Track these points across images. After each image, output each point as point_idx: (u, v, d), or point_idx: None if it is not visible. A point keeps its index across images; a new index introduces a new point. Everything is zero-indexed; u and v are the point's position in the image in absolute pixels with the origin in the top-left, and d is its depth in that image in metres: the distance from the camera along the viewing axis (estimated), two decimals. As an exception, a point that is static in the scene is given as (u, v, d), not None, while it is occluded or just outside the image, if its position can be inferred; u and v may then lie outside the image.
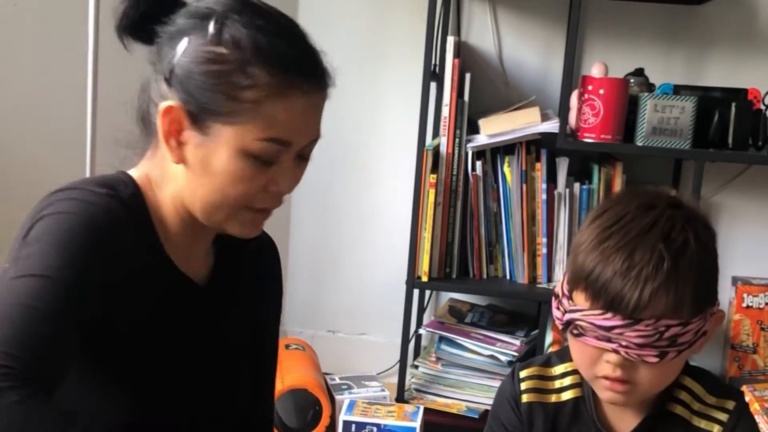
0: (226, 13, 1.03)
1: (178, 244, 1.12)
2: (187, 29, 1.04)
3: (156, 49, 1.07)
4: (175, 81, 1.03)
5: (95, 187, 1.05)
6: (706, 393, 1.18)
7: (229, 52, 1.02)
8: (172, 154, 1.06)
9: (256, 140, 1.03)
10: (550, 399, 1.25)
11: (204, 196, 1.07)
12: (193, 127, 1.04)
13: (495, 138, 2.37)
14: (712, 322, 1.12)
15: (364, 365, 2.72)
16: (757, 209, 2.62)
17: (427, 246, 2.39)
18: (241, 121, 1.02)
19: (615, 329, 1.06)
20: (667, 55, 2.57)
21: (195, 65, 1.02)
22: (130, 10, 1.07)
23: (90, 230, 0.99)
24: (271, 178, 1.07)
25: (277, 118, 1.03)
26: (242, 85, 1.01)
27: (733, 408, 1.16)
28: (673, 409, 1.18)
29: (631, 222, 1.08)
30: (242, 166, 1.04)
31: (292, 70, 1.03)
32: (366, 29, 2.69)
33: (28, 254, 0.97)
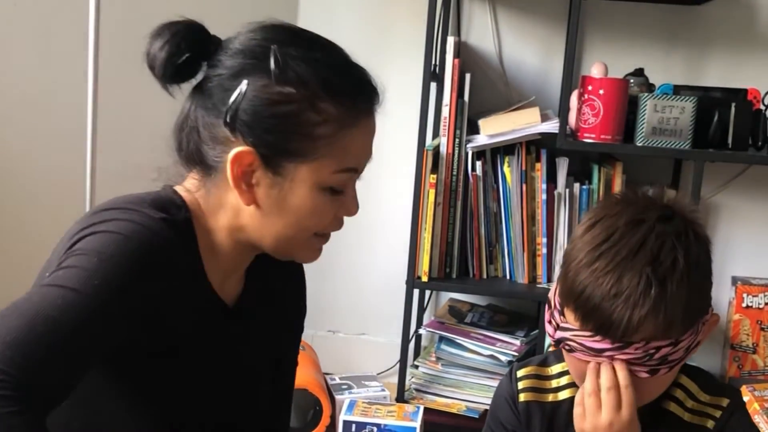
0: (282, 49, 1.01)
1: (220, 268, 1.11)
2: (244, 70, 1.01)
3: (203, 90, 1.04)
4: (240, 125, 1.01)
5: (151, 210, 1.03)
6: (700, 391, 1.18)
7: (297, 91, 1.00)
8: (242, 197, 1.04)
9: (332, 173, 1.03)
10: (547, 398, 1.26)
11: (278, 232, 1.06)
12: (265, 169, 1.02)
13: (495, 138, 2.37)
14: (705, 328, 1.12)
15: (364, 365, 2.72)
16: (757, 209, 2.62)
17: (427, 246, 2.39)
18: (317, 157, 1.02)
19: (605, 351, 1.07)
20: (667, 55, 2.57)
21: (262, 108, 1.00)
22: (172, 58, 1.02)
23: (139, 256, 0.98)
24: (341, 205, 1.08)
25: (350, 146, 1.04)
26: (314, 122, 1.01)
27: (727, 405, 1.16)
28: (668, 406, 1.19)
29: (620, 241, 1.08)
30: (319, 200, 1.04)
31: (359, 98, 1.04)
32: (366, 29, 2.69)
33: (69, 265, 0.96)
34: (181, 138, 1.08)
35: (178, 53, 1.02)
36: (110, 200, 1.07)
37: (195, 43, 1.04)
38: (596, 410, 1.10)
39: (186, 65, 1.03)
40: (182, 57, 1.02)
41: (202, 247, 1.08)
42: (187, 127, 1.06)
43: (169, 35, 1.03)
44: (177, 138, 1.08)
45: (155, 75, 1.03)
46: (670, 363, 1.08)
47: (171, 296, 1.02)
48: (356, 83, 1.05)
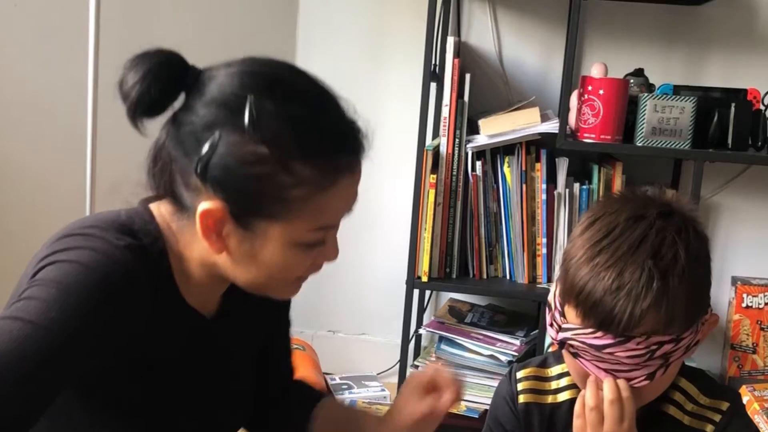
0: (258, 102, 0.94)
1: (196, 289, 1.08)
2: (216, 121, 0.96)
3: (179, 133, 0.99)
4: (211, 179, 0.96)
5: (116, 236, 1.00)
6: (699, 394, 1.18)
7: (270, 151, 0.94)
8: (212, 247, 1.00)
9: (306, 231, 1.00)
10: (547, 399, 1.26)
11: (250, 279, 1.04)
12: (236, 225, 0.98)
13: (495, 138, 2.37)
14: (705, 327, 1.12)
15: (364, 365, 2.72)
16: (757, 209, 2.62)
17: (427, 246, 2.39)
18: (290, 218, 0.97)
19: (606, 348, 1.06)
20: (666, 56, 2.57)
21: (234, 165, 0.95)
22: (143, 98, 0.96)
23: (99, 287, 0.95)
24: (319, 253, 1.05)
25: (327, 206, 0.99)
26: (288, 185, 0.95)
27: (727, 409, 1.16)
28: (666, 409, 1.18)
29: (620, 236, 1.07)
30: (293, 255, 1.01)
31: (336, 157, 0.98)
32: (366, 30, 2.69)
33: (28, 296, 0.94)
34: (155, 172, 1.03)
35: (148, 93, 0.96)
36: (78, 222, 1.04)
37: (169, 80, 0.98)
38: (598, 423, 1.10)
39: (158, 102, 0.98)
40: (153, 97, 0.97)
41: (176, 270, 1.05)
42: (161, 162, 1.02)
43: (141, 72, 0.97)
44: (150, 170, 1.04)
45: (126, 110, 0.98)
46: (668, 363, 1.08)
47: (143, 322, 1.00)
48: (337, 142, 0.98)
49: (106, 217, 1.04)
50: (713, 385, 1.20)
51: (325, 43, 2.69)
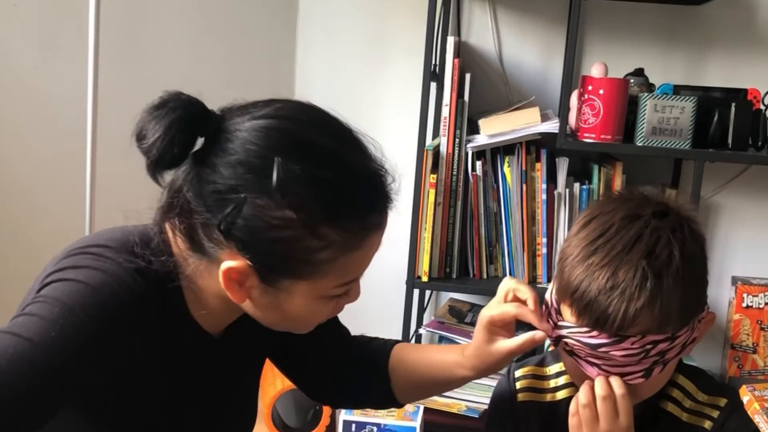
0: (285, 165, 0.92)
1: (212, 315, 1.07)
2: (243, 184, 0.93)
3: (201, 187, 0.96)
4: (236, 239, 0.94)
5: (127, 258, 0.98)
6: (698, 391, 1.18)
7: (298, 216, 0.92)
8: (234, 296, 0.99)
9: (332, 288, 0.99)
10: (545, 398, 1.26)
11: (270, 322, 1.03)
12: (260, 281, 0.97)
13: (495, 138, 2.37)
14: (701, 326, 1.12)
15: (364, 365, 2.71)
16: (757, 209, 2.62)
17: (427, 246, 2.39)
18: (316, 278, 0.97)
19: (601, 347, 1.07)
20: (667, 55, 2.57)
21: (260, 228, 0.93)
22: (165, 155, 0.93)
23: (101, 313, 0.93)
24: (343, 299, 1.05)
25: (354, 264, 0.99)
26: (315, 248, 0.94)
27: (725, 405, 1.16)
28: (665, 406, 1.19)
29: (615, 236, 1.08)
30: (318, 306, 1.01)
31: (365, 219, 0.97)
32: (366, 30, 2.69)
33: (31, 312, 0.92)
34: (171, 217, 1.01)
35: (170, 151, 0.93)
36: (89, 238, 1.02)
37: (191, 134, 0.95)
38: (593, 421, 1.10)
39: (180, 156, 0.96)
40: (175, 154, 0.94)
41: (189, 299, 1.04)
42: (178, 208, 0.99)
43: (163, 128, 0.93)
44: (166, 215, 1.02)
45: (146, 162, 0.96)
46: (665, 361, 1.08)
47: (149, 346, 0.99)
48: (366, 203, 0.97)
49: (119, 237, 1.02)
50: (711, 383, 1.21)
51: (325, 43, 2.69)
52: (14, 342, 0.88)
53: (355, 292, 1.06)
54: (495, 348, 1.18)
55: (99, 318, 0.92)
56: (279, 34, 2.68)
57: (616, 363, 1.07)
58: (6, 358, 0.86)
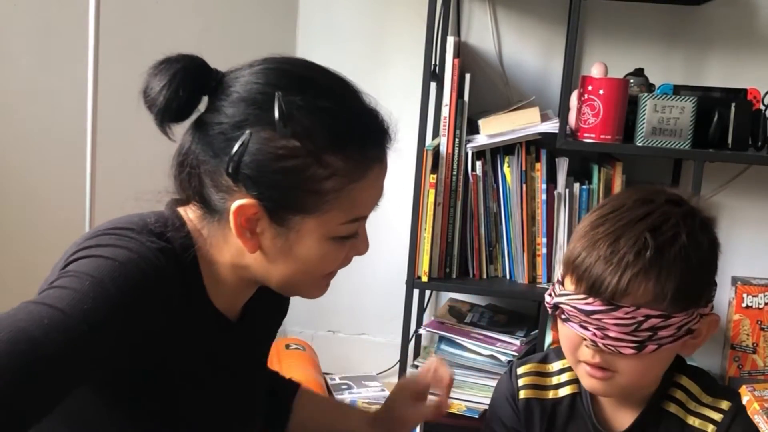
0: (287, 98, 0.96)
1: (226, 295, 1.09)
2: (246, 119, 0.97)
3: (206, 135, 1.00)
4: (243, 177, 0.97)
5: (150, 238, 0.99)
6: (702, 392, 1.18)
7: (302, 144, 0.95)
8: (246, 245, 1.01)
9: (340, 224, 1.01)
10: (548, 395, 1.26)
11: (284, 276, 1.04)
12: (270, 221, 0.99)
13: (495, 138, 2.37)
14: (704, 324, 1.12)
15: (364, 365, 2.72)
16: (757, 209, 2.62)
17: (427, 246, 2.39)
18: (324, 211, 0.98)
19: (595, 314, 1.07)
20: (666, 55, 2.57)
21: (266, 162, 0.96)
22: (171, 103, 0.97)
23: (132, 285, 0.94)
24: (351, 247, 1.06)
25: (359, 197, 1.01)
26: (321, 177, 0.97)
27: (728, 408, 1.16)
28: (668, 407, 1.18)
29: (625, 212, 1.10)
30: (328, 248, 1.02)
31: (366, 148, 1.00)
32: (366, 29, 2.69)
33: (60, 285, 0.93)
34: (182, 178, 1.04)
35: (176, 98, 0.97)
36: (111, 222, 1.04)
37: (194, 84, 0.99)
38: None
39: (185, 107, 0.99)
40: (181, 102, 0.98)
41: (205, 276, 1.05)
42: (187, 167, 1.02)
43: (167, 77, 0.98)
44: (177, 177, 1.05)
45: (153, 116, 0.99)
46: (658, 339, 1.07)
47: (170, 325, 1.00)
48: (366, 132, 1.00)
49: (137, 220, 1.04)
50: (715, 385, 1.20)
51: (325, 43, 2.69)
52: (49, 313, 0.88)
53: (363, 240, 1.07)
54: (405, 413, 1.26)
55: (128, 291, 0.94)
56: (279, 34, 2.68)
57: (609, 332, 1.07)
58: (42, 328, 0.87)
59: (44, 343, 0.86)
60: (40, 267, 2.54)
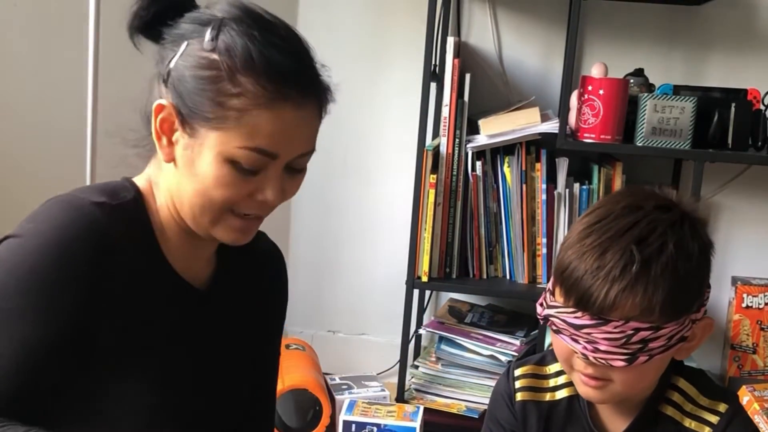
0: (226, 21, 1.04)
1: (178, 249, 1.12)
2: (188, 34, 1.05)
3: (159, 49, 1.09)
4: (170, 82, 1.05)
5: (94, 194, 1.07)
6: (699, 394, 1.17)
7: (221, 60, 1.02)
8: (162, 152, 1.07)
9: (238, 148, 1.03)
10: (545, 397, 1.25)
11: (189, 197, 1.07)
12: (182, 127, 1.05)
13: (495, 138, 2.37)
14: (698, 328, 1.11)
15: (364, 365, 2.72)
16: (757, 209, 2.62)
17: (427, 246, 2.39)
18: (226, 128, 1.02)
19: (584, 328, 1.06)
20: (666, 56, 2.57)
21: (188, 69, 1.04)
22: (141, 11, 1.08)
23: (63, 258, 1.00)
24: (258, 187, 1.06)
25: (263, 128, 1.03)
26: (229, 93, 1.02)
27: (725, 411, 1.15)
28: (665, 410, 1.18)
29: (612, 222, 1.09)
30: (225, 171, 1.04)
31: (282, 82, 1.02)
32: (366, 30, 2.69)
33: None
34: (146, 103, 1.11)
35: (147, 7, 1.07)
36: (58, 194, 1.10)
37: (166, 3, 1.08)
38: None
39: (153, 23, 1.08)
40: (149, 12, 1.07)
41: (156, 229, 1.11)
42: (148, 89, 1.11)
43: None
44: (144, 103, 1.12)
45: (126, 27, 1.09)
46: (649, 351, 1.07)
47: (127, 276, 1.05)
48: (285, 68, 1.03)
49: (85, 187, 1.12)
50: (712, 387, 1.19)
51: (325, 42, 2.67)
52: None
53: (272, 184, 1.07)
54: None
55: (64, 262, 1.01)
56: (279, 34, 2.68)
57: (599, 345, 1.07)
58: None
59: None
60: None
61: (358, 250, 2.77)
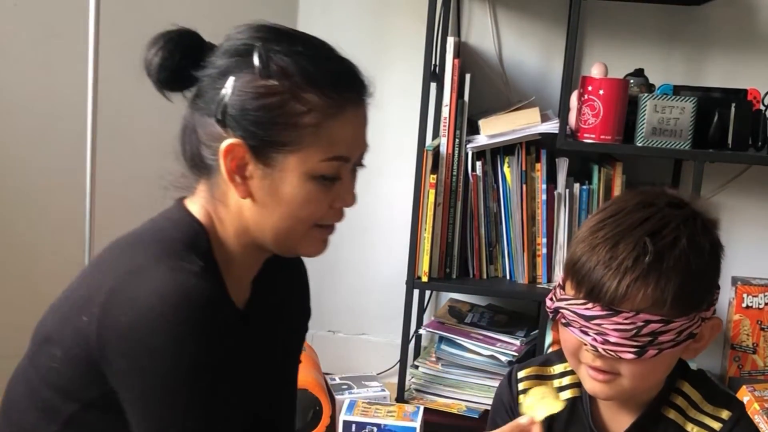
0: (266, 46, 1.05)
1: (234, 277, 1.13)
2: (231, 68, 1.05)
3: (197, 92, 1.08)
4: (229, 120, 1.04)
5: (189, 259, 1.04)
6: (703, 400, 1.17)
7: (280, 83, 1.03)
8: (238, 190, 1.06)
9: (320, 161, 1.05)
10: None
11: (275, 224, 1.08)
12: (256, 161, 1.05)
13: (495, 138, 2.37)
14: (706, 328, 1.11)
15: (364, 365, 2.72)
16: (757, 209, 2.62)
17: (427, 246, 2.39)
18: (304, 147, 1.04)
19: (595, 319, 1.07)
20: (667, 56, 2.57)
21: (248, 101, 1.03)
22: (166, 62, 1.07)
23: (204, 334, 1.00)
24: (336, 195, 1.09)
25: (336, 135, 1.05)
26: (299, 112, 1.03)
27: (728, 418, 1.15)
28: (667, 413, 1.17)
29: (624, 216, 1.10)
30: (310, 188, 1.06)
31: (342, 88, 1.06)
32: (366, 30, 2.69)
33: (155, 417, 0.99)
34: (184, 142, 1.10)
35: (171, 58, 1.06)
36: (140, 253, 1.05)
37: (188, 49, 1.08)
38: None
39: (180, 70, 1.06)
40: (175, 61, 1.06)
41: (219, 263, 1.10)
42: (188, 131, 1.10)
43: (162, 42, 1.07)
44: (180, 143, 1.11)
45: (152, 81, 1.07)
46: (659, 344, 1.07)
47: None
48: (339, 73, 1.07)
49: (165, 244, 1.07)
50: (718, 393, 1.19)
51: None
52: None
53: (348, 189, 1.11)
54: None
55: (202, 314, 1.00)
56: (279, 34, 2.68)
57: (609, 337, 1.07)
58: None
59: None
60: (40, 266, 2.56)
61: (358, 250, 2.77)
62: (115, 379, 1.01)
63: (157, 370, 0.98)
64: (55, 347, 1.05)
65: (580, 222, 2.41)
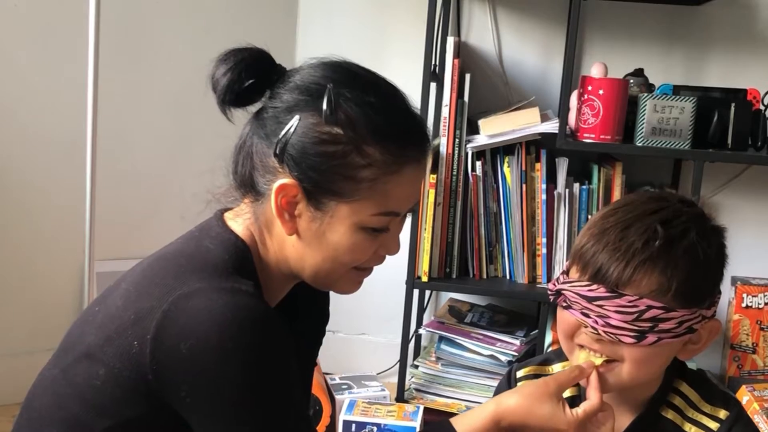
0: (338, 90, 1.03)
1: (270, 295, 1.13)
2: (299, 106, 1.04)
3: (260, 117, 1.07)
4: (287, 158, 1.03)
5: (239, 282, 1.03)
6: (701, 400, 1.17)
7: (344, 133, 1.02)
8: (285, 226, 1.06)
9: (372, 215, 1.04)
10: None
11: (317, 263, 1.08)
12: (308, 203, 1.04)
13: (495, 138, 2.37)
14: (705, 329, 1.11)
15: (364, 365, 2.72)
16: (757, 209, 2.62)
17: (427, 246, 2.39)
18: (358, 199, 1.03)
19: (597, 300, 1.07)
20: (666, 56, 2.57)
21: (309, 145, 1.02)
22: (234, 85, 1.05)
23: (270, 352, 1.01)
24: (382, 243, 1.09)
25: (392, 192, 1.05)
26: (359, 165, 1.02)
27: (725, 418, 1.14)
28: (665, 413, 1.17)
29: (636, 206, 1.11)
30: (357, 238, 1.06)
31: (405, 145, 1.04)
32: (366, 30, 2.69)
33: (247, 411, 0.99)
34: (237, 161, 1.10)
35: (239, 81, 1.05)
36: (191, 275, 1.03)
37: (258, 72, 1.06)
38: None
39: (246, 92, 1.06)
40: (243, 85, 1.05)
41: (262, 283, 1.10)
42: (243, 152, 1.09)
43: (233, 62, 1.05)
44: (234, 160, 1.11)
45: (216, 99, 1.06)
46: (659, 332, 1.07)
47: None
48: (406, 131, 1.05)
49: (212, 272, 1.04)
50: (716, 393, 1.18)
51: (325, 43, 2.69)
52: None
53: (394, 240, 1.10)
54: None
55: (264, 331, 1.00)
56: (279, 34, 2.68)
57: (610, 319, 1.07)
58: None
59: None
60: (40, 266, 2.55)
61: (358, 250, 2.76)
62: (181, 404, 0.99)
63: (229, 394, 0.98)
64: (97, 365, 1.02)
65: (580, 222, 2.42)
